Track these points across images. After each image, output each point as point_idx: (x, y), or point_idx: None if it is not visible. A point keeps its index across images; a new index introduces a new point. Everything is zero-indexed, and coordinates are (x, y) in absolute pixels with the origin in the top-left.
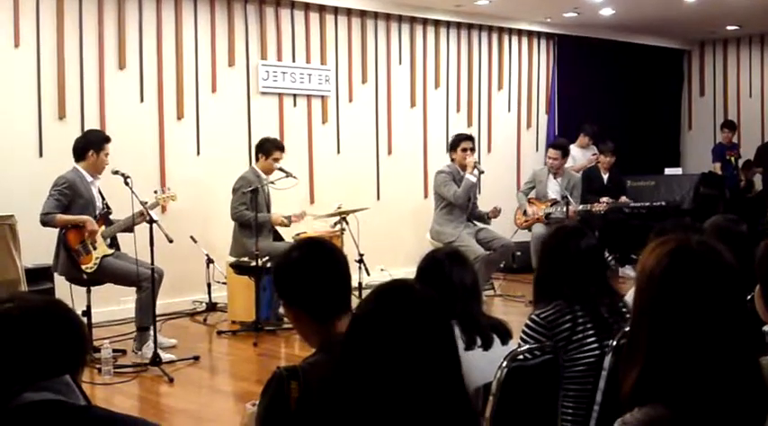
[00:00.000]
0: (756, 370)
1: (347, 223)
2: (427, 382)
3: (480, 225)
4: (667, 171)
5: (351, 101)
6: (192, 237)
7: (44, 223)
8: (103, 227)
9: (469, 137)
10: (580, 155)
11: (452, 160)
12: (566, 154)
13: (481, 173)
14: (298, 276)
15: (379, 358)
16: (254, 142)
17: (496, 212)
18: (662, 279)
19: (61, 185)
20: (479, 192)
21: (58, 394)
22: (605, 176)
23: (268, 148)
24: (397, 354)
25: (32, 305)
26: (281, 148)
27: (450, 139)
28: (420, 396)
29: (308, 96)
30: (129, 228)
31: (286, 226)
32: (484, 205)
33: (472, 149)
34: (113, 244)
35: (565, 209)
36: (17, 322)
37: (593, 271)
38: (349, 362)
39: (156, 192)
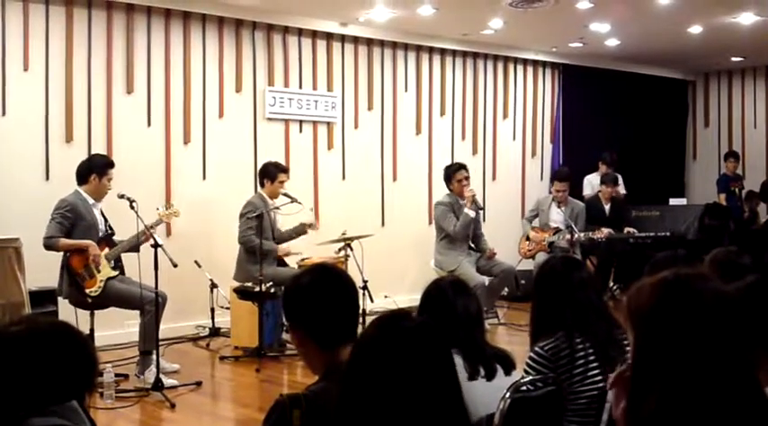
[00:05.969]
0: (762, 399)
1: (351, 249)
2: (428, 410)
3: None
4: (672, 201)
5: (356, 127)
6: (196, 262)
7: (47, 247)
8: (107, 250)
9: (463, 166)
10: (599, 182)
11: (451, 190)
12: (570, 184)
13: (480, 209)
14: (307, 301)
15: (380, 386)
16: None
17: (492, 255)
18: (656, 315)
19: (63, 208)
20: (483, 220)
21: (65, 420)
22: (607, 207)
23: (273, 173)
24: (397, 383)
25: (42, 328)
26: (285, 171)
27: (444, 171)
28: (421, 424)
29: (315, 122)
30: (133, 248)
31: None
32: (488, 233)
33: (468, 178)
34: (118, 266)
35: (568, 237)
36: (26, 345)
37: (590, 301)
38: (351, 391)
39: (158, 209)
